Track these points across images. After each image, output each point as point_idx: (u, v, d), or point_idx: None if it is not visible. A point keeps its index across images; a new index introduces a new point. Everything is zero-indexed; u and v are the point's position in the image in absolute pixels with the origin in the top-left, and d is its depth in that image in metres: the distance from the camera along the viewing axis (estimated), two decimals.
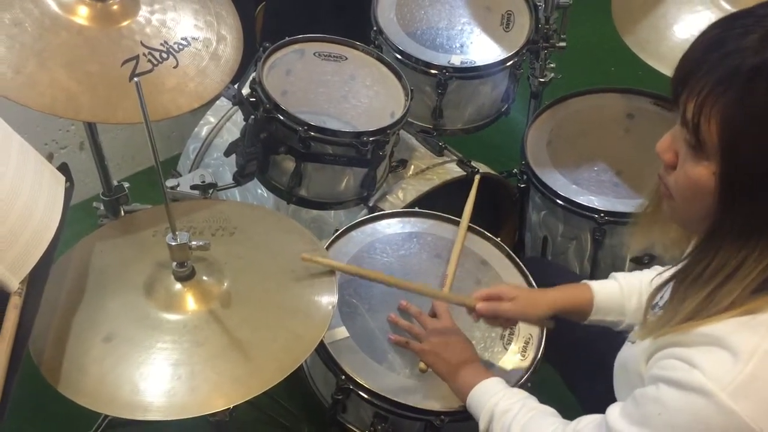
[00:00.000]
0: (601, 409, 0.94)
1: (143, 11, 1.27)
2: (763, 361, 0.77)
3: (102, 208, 1.57)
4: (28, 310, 0.95)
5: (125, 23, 1.24)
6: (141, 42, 1.23)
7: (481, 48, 1.78)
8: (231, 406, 1.02)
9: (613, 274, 1.29)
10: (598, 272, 1.69)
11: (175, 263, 1.08)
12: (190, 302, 1.08)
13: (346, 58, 1.62)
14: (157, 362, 1.00)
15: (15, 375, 0.88)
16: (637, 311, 1.21)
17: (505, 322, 1.28)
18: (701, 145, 0.80)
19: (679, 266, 0.89)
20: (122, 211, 1.56)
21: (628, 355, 1.02)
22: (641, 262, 1.64)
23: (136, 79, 0.90)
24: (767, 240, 0.79)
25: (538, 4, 1.85)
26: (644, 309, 0.97)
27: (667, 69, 1.58)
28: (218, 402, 0.98)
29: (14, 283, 0.94)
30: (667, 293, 0.94)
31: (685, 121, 0.81)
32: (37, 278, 0.98)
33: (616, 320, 1.24)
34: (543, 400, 1.12)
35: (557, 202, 1.67)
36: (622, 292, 1.24)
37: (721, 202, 0.81)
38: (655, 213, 1.02)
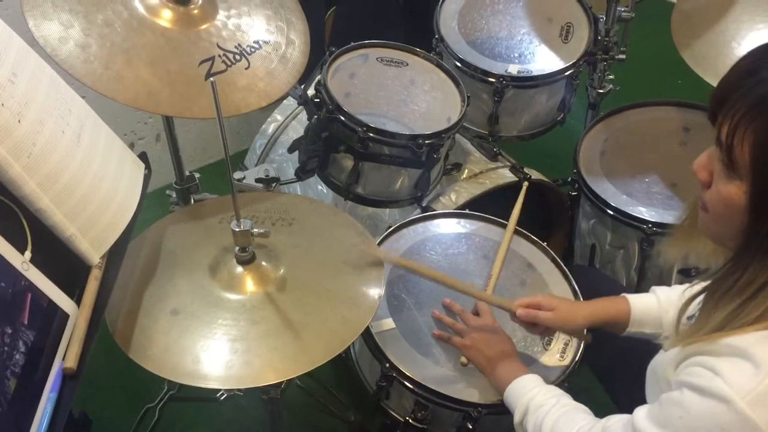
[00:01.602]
0: None
1: (220, 16, 1.37)
2: None
3: (174, 195, 1.68)
4: (107, 282, 1.05)
5: (204, 26, 1.34)
6: (217, 44, 1.33)
7: (538, 58, 1.83)
8: (282, 382, 1.10)
9: (653, 288, 1.32)
10: (645, 282, 1.71)
11: (237, 248, 1.16)
12: (250, 284, 1.16)
13: (407, 64, 1.69)
14: (217, 337, 1.08)
15: (93, 339, 0.98)
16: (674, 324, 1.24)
17: (544, 330, 1.32)
18: (734, 164, 0.84)
19: (711, 279, 0.93)
20: (192, 199, 1.67)
21: (659, 362, 1.05)
22: (689, 274, 1.66)
23: (211, 78, 0.99)
24: None
25: (600, 17, 1.89)
26: (676, 319, 1.00)
27: None
28: (270, 376, 1.05)
29: (95, 258, 1.05)
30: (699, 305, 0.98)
31: (720, 142, 0.85)
32: (115, 255, 1.09)
33: (654, 332, 1.27)
34: (580, 401, 1.15)
35: (606, 211, 1.70)
36: (659, 305, 1.27)
37: (752, 220, 0.84)
38: (692, 226, 1.04)
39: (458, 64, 1.78)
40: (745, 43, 1.64)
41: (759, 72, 0.82)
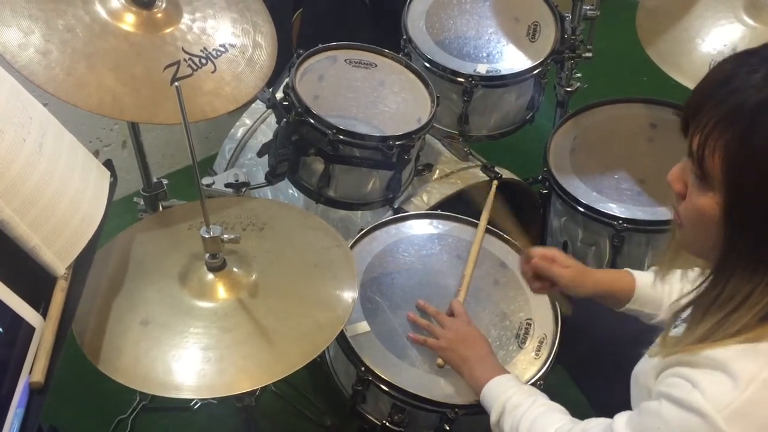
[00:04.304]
0: (612, 415, 0.97)
1: (185, 19, 1.35)
2: (760, 389, 0.80)
3: (142, 203, 1.64)
4: (73, 293, 1.03)
5: (168, 30, 1.32)
6: (182, 48, 1.31)
7: (506, 57, 1.83)
8: (257, 389, 1.08)
9: (653, 268, 1.30)
10: None
11: (208, 255, 1.14)
12: (221, 291, 1.15)
13: (376, 65, 1.68)
14: (188, 346, 1.06)
15: (60, 352, 0.96)
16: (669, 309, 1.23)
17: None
18: (706, 176, 0.83)
19: (694, 293, 0.92)
20: (161, 206, 1.63)
21: (641, 369, 1.05)
22: None
23: (176, 83, 0.97)
24: None
25: (566, 15, 1.90)
26: (665, 329, 0.99)
27: (688, 81, 1.61)
28: (244, 384, 1.03)
29: (61, 269, 1.02)
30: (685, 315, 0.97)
31: (692, 153, 0.84)
32: (81, 265, 1.06)
33: (652, 313, 1.27)
34: (555, 400, 1.16)
35: (577, 209, 1.71)
36: (661, 285, 1.25)
37: (727, 232, 0.83)
38: (678, 247, 1.03)
39: (427, 64, 1.78)
40: (708, 39, 1.66)
41: (730, 82, 0.81)
